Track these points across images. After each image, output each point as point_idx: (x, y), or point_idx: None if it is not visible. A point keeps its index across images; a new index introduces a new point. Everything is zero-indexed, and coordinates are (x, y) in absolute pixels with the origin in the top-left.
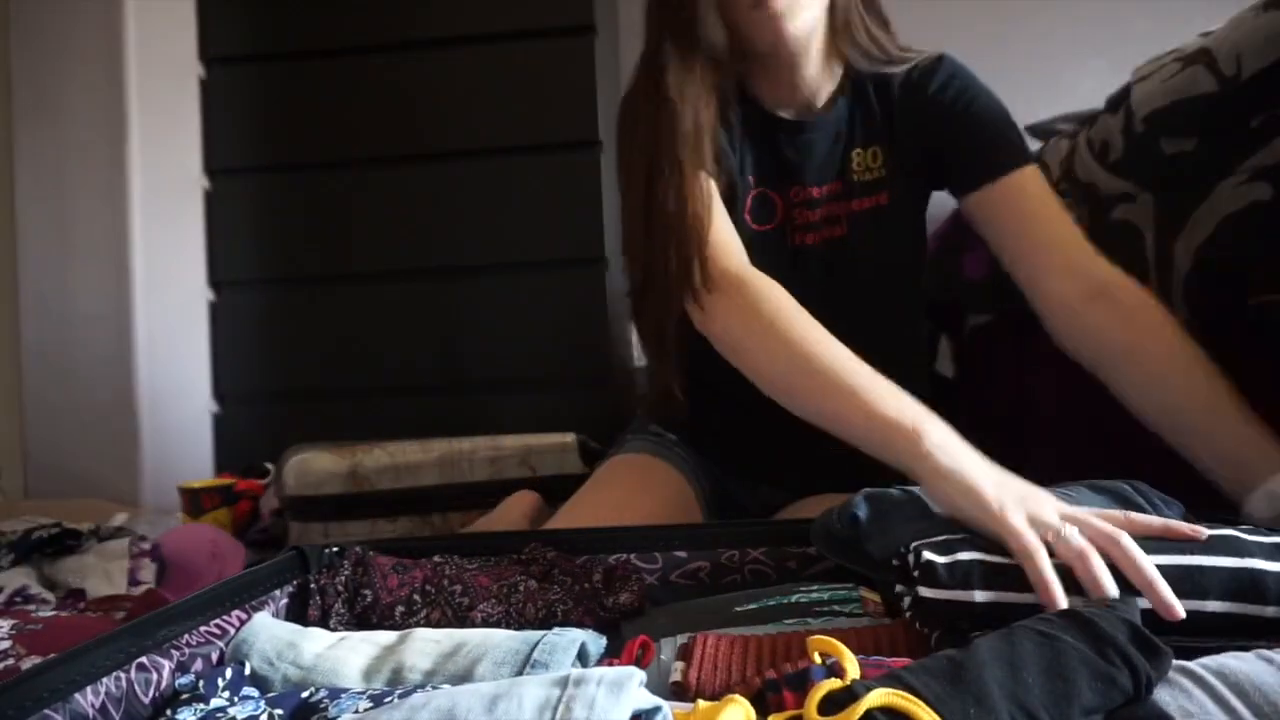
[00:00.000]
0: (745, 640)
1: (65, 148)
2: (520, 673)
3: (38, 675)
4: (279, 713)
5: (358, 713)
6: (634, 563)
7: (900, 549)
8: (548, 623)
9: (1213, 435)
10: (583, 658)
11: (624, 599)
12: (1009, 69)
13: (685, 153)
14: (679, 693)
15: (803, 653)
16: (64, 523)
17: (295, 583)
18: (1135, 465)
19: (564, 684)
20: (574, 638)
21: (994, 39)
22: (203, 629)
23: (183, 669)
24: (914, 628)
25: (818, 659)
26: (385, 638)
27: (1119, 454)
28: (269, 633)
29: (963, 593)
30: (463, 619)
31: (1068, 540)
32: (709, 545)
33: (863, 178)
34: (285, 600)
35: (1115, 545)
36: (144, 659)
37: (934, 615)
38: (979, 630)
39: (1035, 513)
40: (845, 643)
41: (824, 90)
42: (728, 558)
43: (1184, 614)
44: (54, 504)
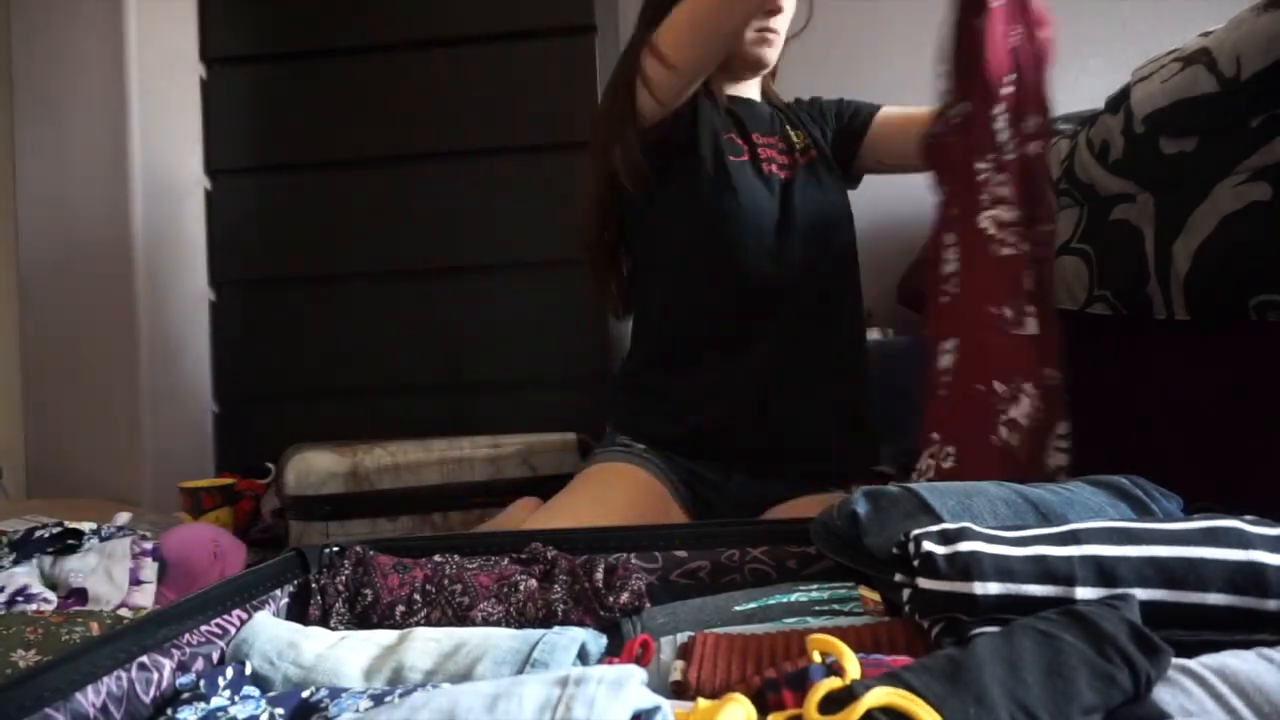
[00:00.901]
0: (745, 639)
1: (66, 147)
2: (520, 672)
3: (39, 674)
4: (279, 712)
5: (358, 712)
6: (634, 562)
7: (900, 539)
8: (548, 622)
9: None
10: (583, 657)
11: (624, 599)
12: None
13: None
14: (679, 692)
15: (802, 652)
16: (65, 522)
17: (296, 582)
18: (1134, 461)
19: (564, 683)
20: (574, 637)
21: None
22: (203, 628)
23: (184, 668)
24: (914, 625)
25: (817, 658)
26: (385, 637)
27: (1118, 450)
28: (270, 632)
29: (962, 584)
30: (463, 618)
31: None
32: (709, 545)
33: (797, 144)
34: (286, 600)
35: None
36: (145, 658)
37: (933, 607)
38: (978, 622)
39: None
40: (845, 641)
41: (761, 96)
42: (728, 557)
43: None
44: (55, 503)
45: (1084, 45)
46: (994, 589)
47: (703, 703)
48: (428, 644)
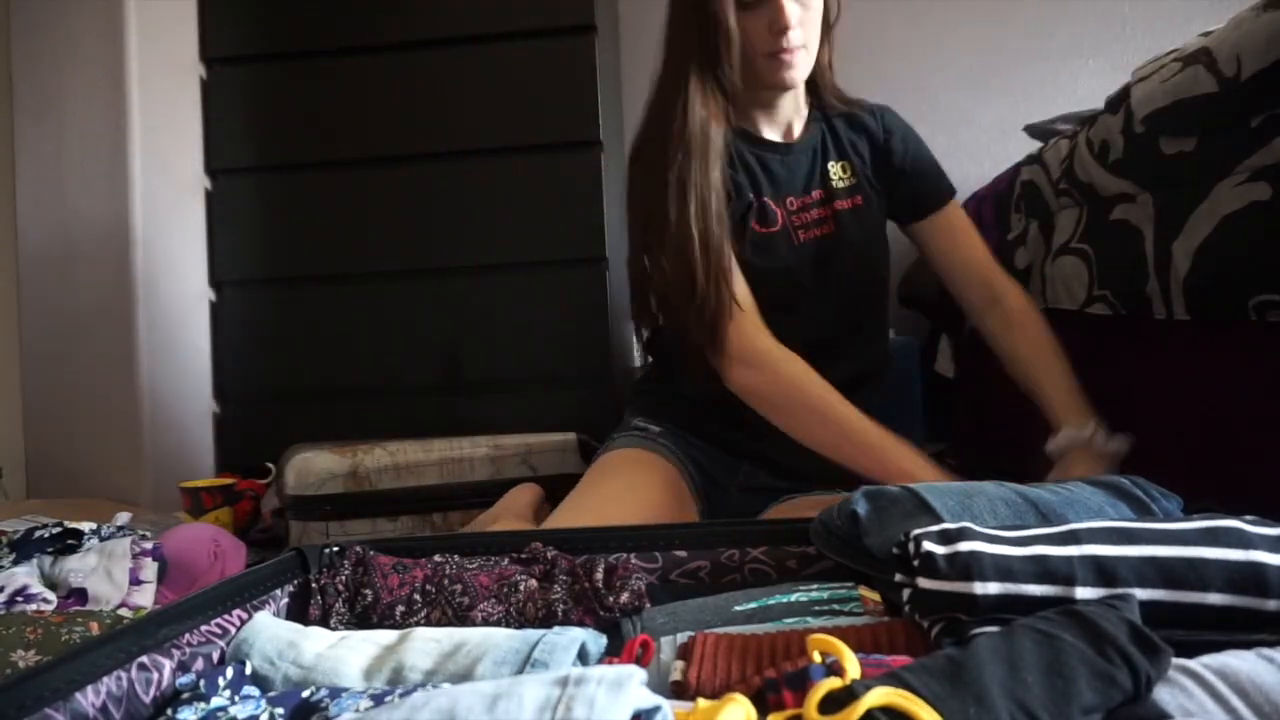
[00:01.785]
0: (745, 639)
1: (66, 147)
2: (520, 672)
3: (39, 674)
4: (279, 712)
5: (358, 712)
6: (634, 562)
7: (900, 539)
8: (548, 622)
9: (1044, 395)
10: (583, 657)
11: (624, 599)
12: (1009, 69)
13: (713, 206)
14: (679, 692)
15: (802, 651)
16: (65, 522)
17: (296, 582)
18: (1134, 461)
19: (564, 683)
20: (574, 637)
21: (993, 39)
22: (203, 628)
23: (184, 668)
24: (914, 625)
25: (817, 658)
26: (385, 637)
27: None
28: (270, 632)
29: (962, 584)
30: (463, 618)
31: None
32: (709, 545)
33: (839, 185)
34: (286, 600)
35: None
36: (145, 658)
37: (933, 607)
38: (978, 622)
39: None
40: (845, 641)
41: (799, 120)
42: (728, 557)
43: None
44: (55, 503)
45: (1084, 45)
46: (994, 589)
47: (703, 703)
48: (428, 644)
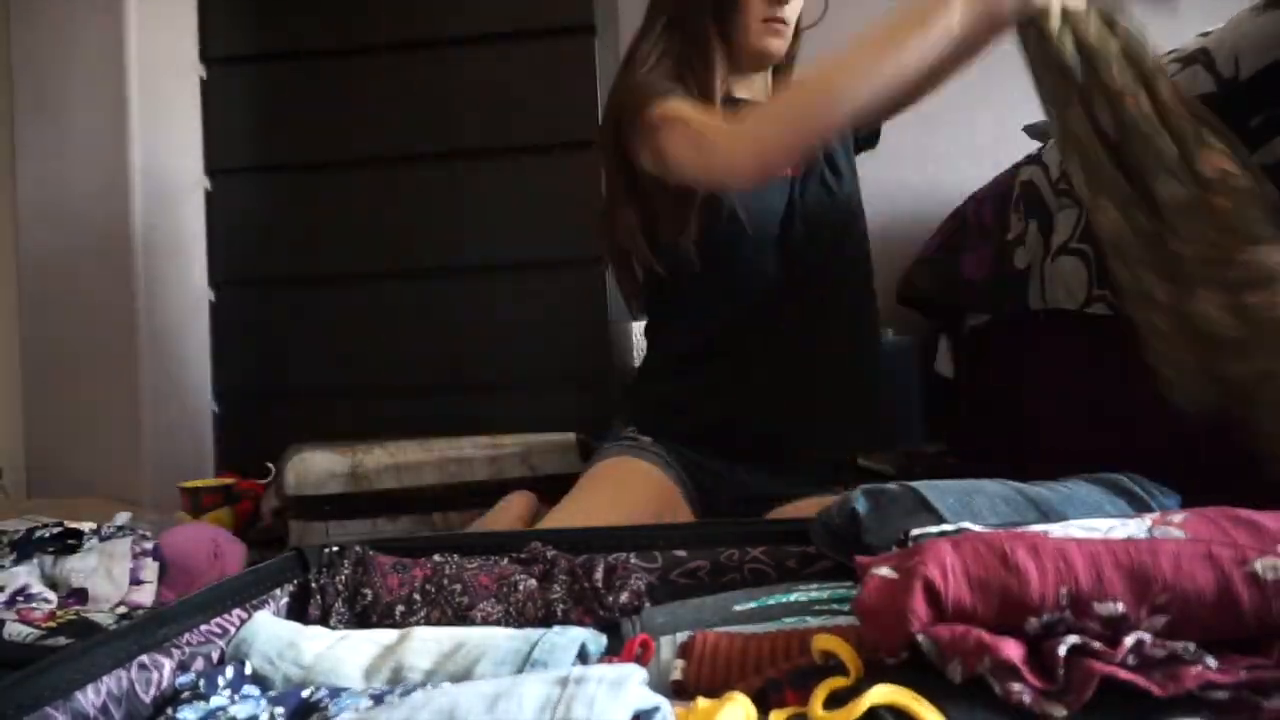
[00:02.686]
0: (745, 639)
1: (66, 147)
2: (520, 672)
3: (39, 674)
4: (279, 711)
5: (358, 712)
6: (634, 562)
7: (900, 535)
8: (548, 622)
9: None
10: (583, 657)
11: (624, 598)
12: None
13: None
14: (679, 691)
15: (803, 651)
16: (65, 522)
17: (295, 582)
18: (1133, 459)
19: (564, 683)
20: (574, 637)
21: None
22: (203, 628)
23: (183, 668)
24: None
25: (818, 657)
26: (385, 637)
27: (1116, 448)
28: (269, 632)
29: None
30: (463, 618)
31: None
32: (709, 544)
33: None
34: (286, 599)
35: None
36: (145, 658)
37: None
38: None
39: None
40: (845, 641)
41: (766, 85)
42: (727, 557)
43: None
44: (55, 503)
45: None
46: None
47: (703, 703)
48: (427, 644)
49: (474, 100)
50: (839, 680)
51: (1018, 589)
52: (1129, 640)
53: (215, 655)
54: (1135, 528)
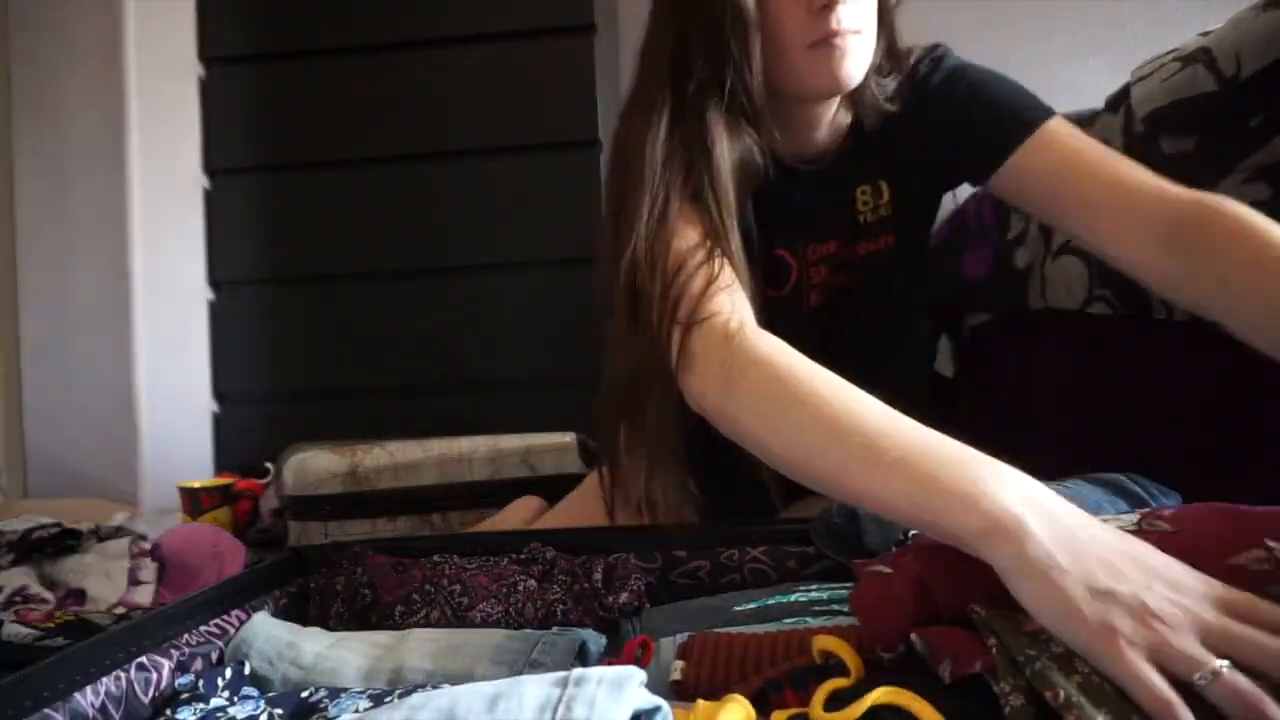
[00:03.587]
0: (745, 639)
1: (65, 147)
2: (520, 672)
3: (38, 675)
4: (279, 712)
5: (357, 712)
6: (634, 562)
7: (900, 536)
8: (547, 622)
9: None
10: (583, 657)
11: (624, 599)
12: (1009, 69)
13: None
14: (679, 692)
15: (803, 651)
16: (64, 522)
17: (295, 583)
18: (1133, 459)
19: (564, 683)
20: (574, 637)
21: (994, 39)
22: (202, 629)
23: (182, 669)
24: None
25: (818, 657)
26: (385, 638)
27: (1117, 448)
28: (268, 632)
29: None
30: (462, 619)
31: (1224, 684)
32: (709, 545)
33: (868, 218)
34: (285, 600)
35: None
36: (144, 659)
37: None
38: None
39: (1163, 627)
40: (845, 641)
41: (834, 138)
42: (727, 557)
43: None
44: (54, 503)
45: (1084, 45)
46: None
47: (703, 703)
48: (427, 644)
49: (474, 100)
50: (839, 681)
51: None
52: None
53: (214, 656)
54: (1124, 522)
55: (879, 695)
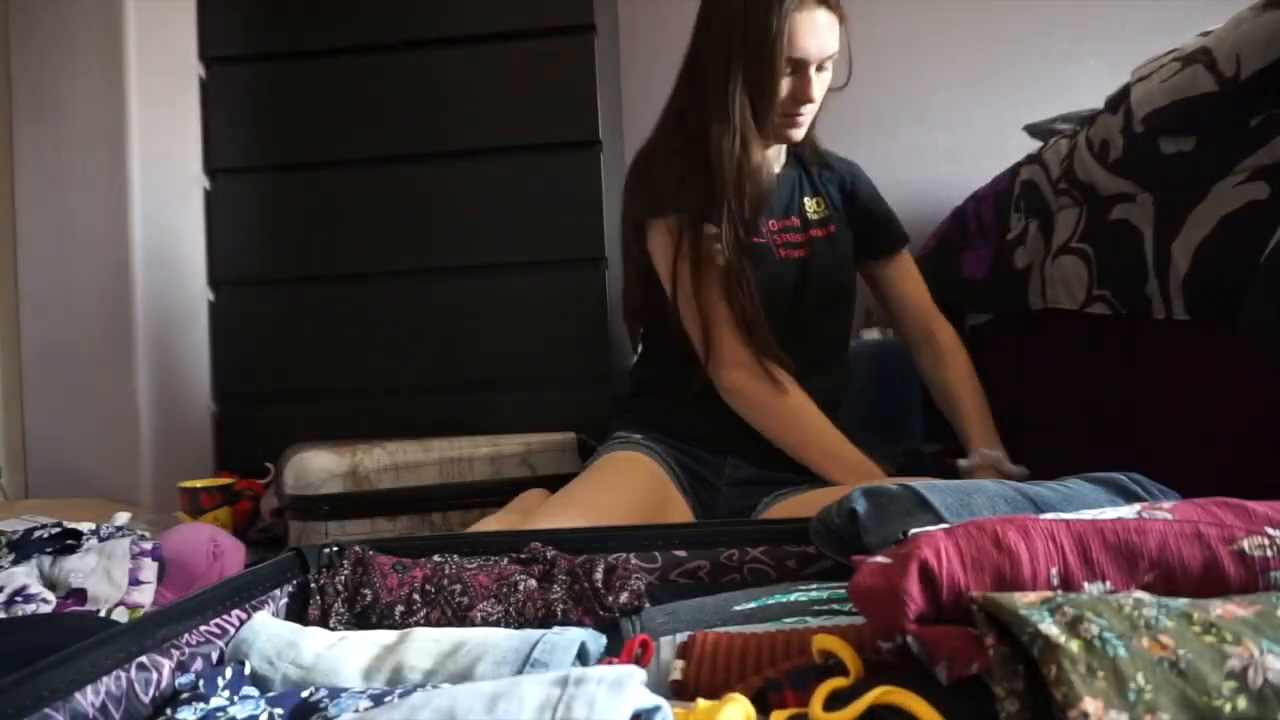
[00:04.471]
0: (745, 639)
1: (65, 147)
2: (520, 672)
3: (38, 674)
4: (279, 712)
5: (358, 712)
6: (634, 562)
7: (899, 535)
8: (548, 622)
9: (963, 420)
10: (583, 657)
11: (624, 598)
12: (1009, 69)
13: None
14: (679, 691)
15: (803, 651)
16: (64, 522)
17: (295, 582)
18: (1133, 459)
19: (564, 683)
20: (574, 637)
21: (994, 39)
22: (203, 628)
23: (183, 668)
24: None
25: (818, 657)
26: (385, 637)
27: (1116, 447)
28: (269, 632)
29: None
30: (462, 618)
31: None
32: (709, 545)
33: (813, 216)
34: (285, 600)
35: None
36: (144, 658)
37: None
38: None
39: None
40: (845, 641)
41: (779, 160)
42: (727, 557)
43: None
44: (54, 503)
45: (1084, 45)
46: None
47: (703, 703)
48: (427, 644)
49: (474, 100)
50: (839, 680)
51: (1010, 570)
52: None
53: (215, 656)
54: (1125, 513)
55: (878, 695)
